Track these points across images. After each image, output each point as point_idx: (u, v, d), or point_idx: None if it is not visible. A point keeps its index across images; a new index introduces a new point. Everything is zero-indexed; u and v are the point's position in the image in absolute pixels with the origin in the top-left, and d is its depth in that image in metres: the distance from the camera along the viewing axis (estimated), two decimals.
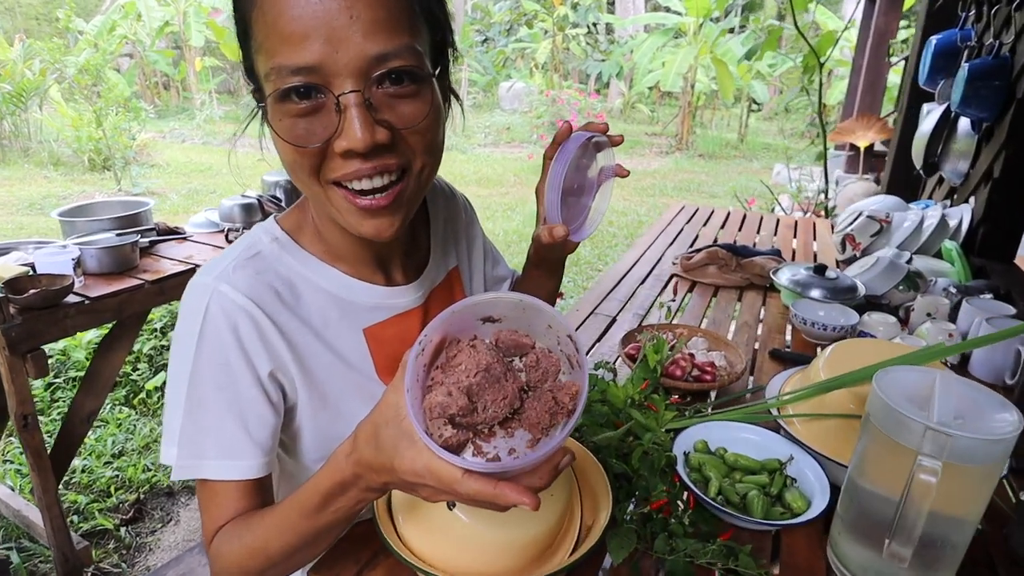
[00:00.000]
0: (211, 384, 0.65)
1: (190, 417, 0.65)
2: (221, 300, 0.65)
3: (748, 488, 0.82)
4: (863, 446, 0.70)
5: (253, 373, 0.66)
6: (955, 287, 1.49)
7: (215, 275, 0.66)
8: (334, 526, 0.60)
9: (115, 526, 2.22)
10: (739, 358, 1.16)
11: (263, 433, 0.66)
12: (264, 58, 0.57)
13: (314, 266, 0.71)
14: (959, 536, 0.67)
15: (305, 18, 0.53)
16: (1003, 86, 1.70)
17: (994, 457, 0.62)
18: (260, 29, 0.57)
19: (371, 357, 0.74)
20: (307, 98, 0.57)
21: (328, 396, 0.71)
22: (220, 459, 0.65)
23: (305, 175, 0.61)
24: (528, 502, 0.48)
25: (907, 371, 0.72)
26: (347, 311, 0.73)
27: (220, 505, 0.65)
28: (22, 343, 1.68)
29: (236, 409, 0.65)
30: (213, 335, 0.64)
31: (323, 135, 0.58)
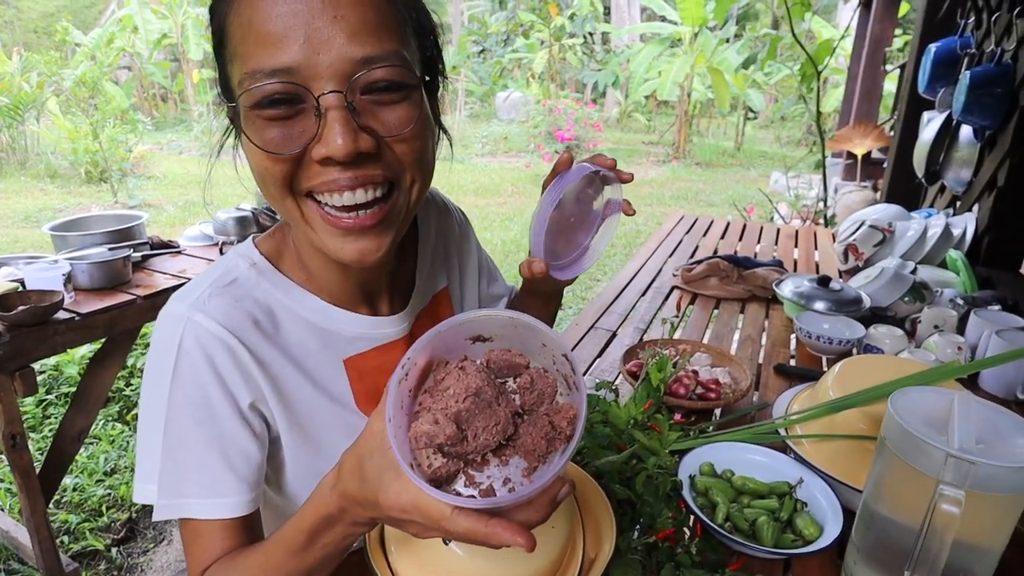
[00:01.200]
0: (190, 420, 0.61)
1: (169, 455, 0.61)
2: (196, 330, 0.61)
3: (757, 514, 0.79)
4: (879, 471, 0.67)
5: (234, 406, 0.62)
6: (962, 298, 1.46)
7: (189, 303, 0.62)
8: (323, 562, 0.55)
9: (106, 546, 2.17)
10: (744, 374, 1.13)
11: (247, 468, 0.62)
12: (239, 64, 0.53)
13: (294, 293, 0.67)
14: (982, 566, 0.64)
15: (284, 17, 0.50)
16: (1006, 93, 1.68)
17: (1020, 486, 0.58)
18: (235, 33, 0.53)
19: (351, 389, 0.70)
20: (284, 103, 0.52)
21: (309, 429, 0.67)
22: (203, 498, 0.61)
23: (277, 188, 0.56)
24: (523, 543, 0.44)
25: (923, 391, 0.69)
26: (328, 341, 0.68)
27: (205, 546, 0.61)
28: (10, 361, 1.64)
29: (218, 445, 0.61)
30: (189, 368, 0.60)
31: (300, 141, 0.53)
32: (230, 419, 0.62)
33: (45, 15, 18.18)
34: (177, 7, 12.66)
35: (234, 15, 0.53)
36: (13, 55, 10.01)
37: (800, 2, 3.45)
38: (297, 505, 0.57)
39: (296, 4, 0.50)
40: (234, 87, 0.55)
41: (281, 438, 0.67)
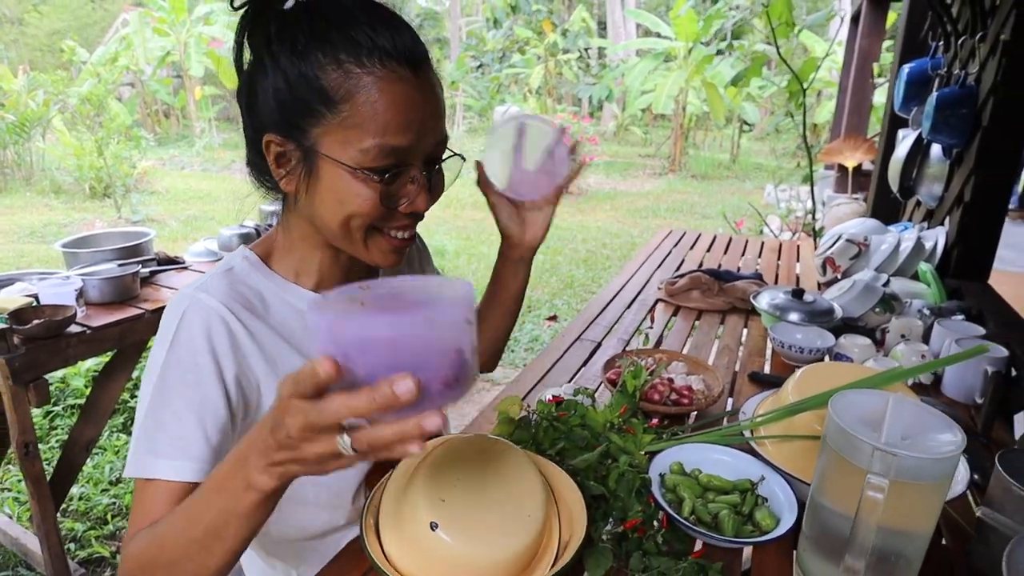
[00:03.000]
0: (177, 381, 0.69)
1: (152, 413, 0.68)
2: (197, 305, 0.71)
3: (720, 507, 0.86)
4: (822, 466, 0.75)
5: (219, 374, 0.70)
6: (929, 309, 1.54)
7: (194, 286, 0.73)
8: (229, 514, 0.55)
9: (111, 553, 2.23)
10: (717, 381, 1.20)
11: (217, 435, 0.69)
12: (360, 133, 0.66)
13: (280, 283, 0.80)
14: (912, 550, 0.71)
15: (409, 108, 0.67)
16: (970, 114, 1.77)
17: (939, 475, 0.66)
18: (364, 111, 0.65)
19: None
20: (394, 171, 0.69)
21: None
22: (172, 459, 0.66)
23: (360, 221, 0.71)
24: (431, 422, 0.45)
25: (862, 394, 0.76)
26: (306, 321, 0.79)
27: (152, 508, 0.65)
28: (25, 372, 1.72)
29: (196, 408, 0.68)
30: (186, 336, 0.70)
31: (398, 198, 0.71)
32: (213, 385, 0.70)
33: (50, 33, 18.42)
34: (180, 25, 12.86)
35: (365, 96, 0.65)
36: (19, 73, 10.17)
37: (785, 22, 3.55)
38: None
39: (417, 101, 0.67)
40: (336, 142, 0.67)
41: (265, 404, 0.75)
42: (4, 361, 1.69)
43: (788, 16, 3.55)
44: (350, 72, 0.64)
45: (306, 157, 0.69)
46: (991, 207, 1.73)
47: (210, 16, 13.31)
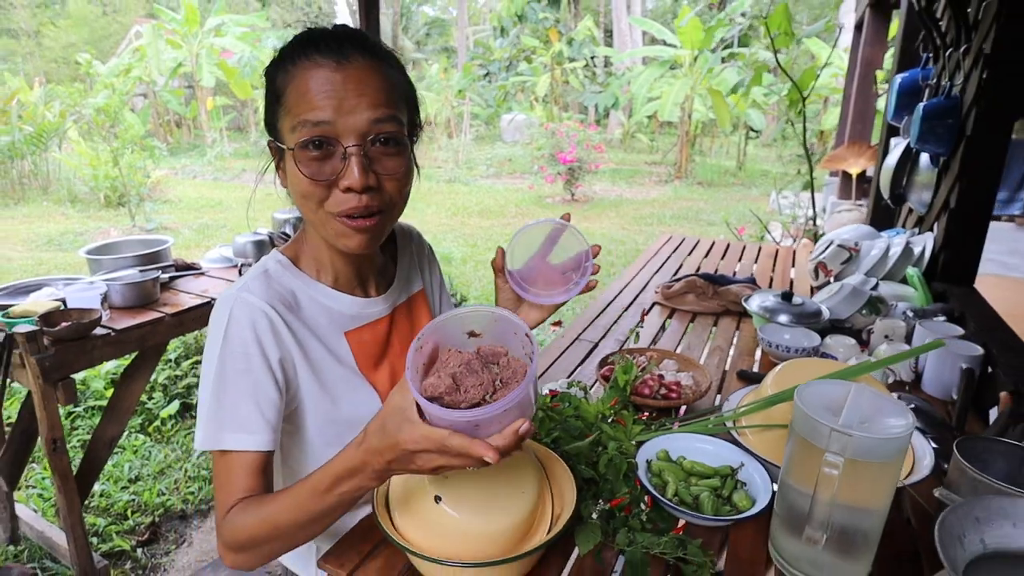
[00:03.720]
0: (233, 371, 0.80)
1: (216, 398, 0.80)
2: (243, 304, 0.82)
3: (701, 490, 0.94)
4: (789, 450, 0.82)
5: (266, 362, 0.82)
6: (912, 311, 1.61)
7: (237, 288, 0.84)
8: (336, 508, 0.72)
9: (132, 547, 2.32)
10: (705, 378, 1.28)
11: (271, 412, 0.81)
12: (291, 116, 0.78)
13: (308, 282, 0.90)
14: (869, 524, 0.78)
15: (326, 89, 0.76)
16: (955, 124, 1.84)
17: (889, 454, 0.73)
18: (291, 95, 0.78)
19: (352, 354, 0.92)
20: (322, 147, 0.77)
21: (324, 383, 0.88)
22: (237, 432, 0.79)
23: (314, 203, 0.81)
24: (493, 455, 0.61)
25: (827, 384, 0.84)
26: (333, 318, 0.91)
27: (234, 480, 0.78)
28: (54, 372, 1.81)
29: (251, 391, 0.80)
30: (236, 331, 0.81)
31: (331, 173, 0.79)
32: (263, 372, 0.81)
33: (65, 46, 18.77)
34: (192, 37, 13.10)
35: (292, 84, 0.78)
36: (35, 84, 10.40)
37: (784, 32, 3.63)
38: (313, 447, 0.80)
39: (335, 82, 0.76)
40: (285, 131, 0.79)
41: (302, 388, 0.86)
42: (35, 361, 1.78)
43: (787, 26, 3.63)
44: (288, 69, 0.79)
45: (280, 153, 0.83)
46: (975, 213, 1.79)
47: (221, 28, 13.55)
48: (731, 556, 0.87)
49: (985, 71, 1.71)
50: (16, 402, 2.83)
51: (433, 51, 22.09)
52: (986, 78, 1.70)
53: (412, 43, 24.12)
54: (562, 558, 0.85)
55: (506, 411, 0.61)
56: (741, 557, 0.87)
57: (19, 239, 7.08)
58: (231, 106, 16.29)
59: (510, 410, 0.62)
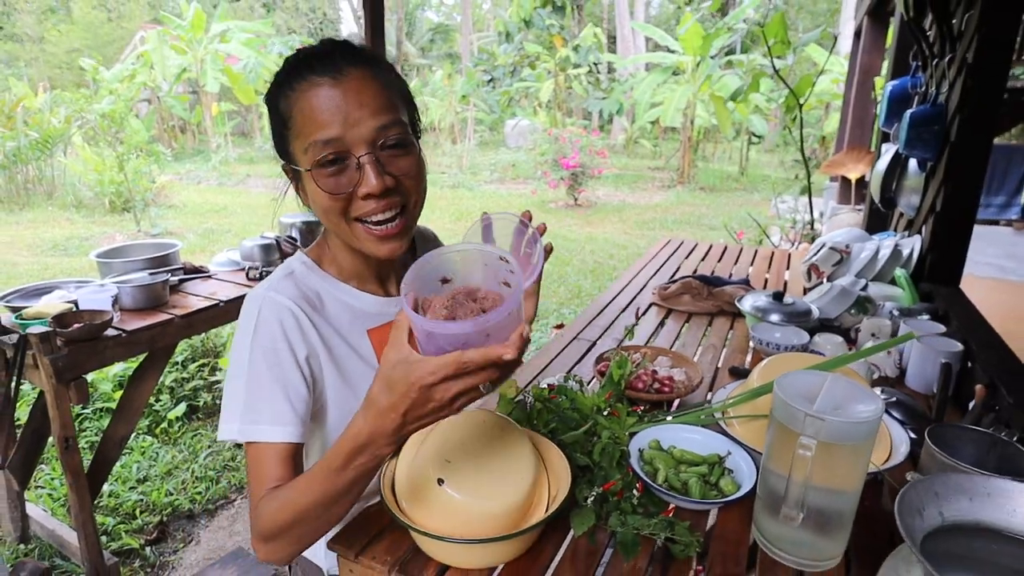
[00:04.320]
0: (264, 366, 0.84)
1: (249, 392, 0.84)
2: (271, 303, 0.87)
3: (690, 476, 0.99)
4: (770, 436, 0.88)
5: (294, 357, 0.86)
6: (898, 310, 1.66)
7: (265, 287, 0.89)
8: (354, 484, 0.74)
9: (140, 545, 2.37)
10: (697, 373, 1.33)
11: (301, 406, 0.85)
12: (303, 138, 0.83)
13: (332, 283, 0.95)
14: (843, 505, 0.84)
15: (330, 108, 0.81)
16: (940, 130, 1.90)
17: (859, 437, 0.79)
18: (298, 118, 0.83)
19: (374, 352, 0.96)
20: (336, 163, 0.82)
21: (349, 379, 0.93)
22: (271, 424, 0.83)
23: (336, 216, 0.86)
24: (511, 352, 0.60)
25: (805, 374, 0.89)
26: (356, 316, 0.96)
27: (266, 470, 0.82)
28: (67, 372, 1.87)
29: (282, 385, 0.84)
30: (265, 329, 0.85)
31: (348, 184, 0.84)
32: (291, 367, 0.86)
33: (69, 51, 18.92)
34: (197, 43, 13.23)
35: (297, 108, 0.83)
36: (39, 90, 10.50)
37: (781, 40, 3.69)
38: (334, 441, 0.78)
39: (336, 99, 0.81)
40: (298, 153, 0.84)
41: (326, 383, 0.91)
42: (48, 361, 1.84)
43: (784, 35, 3.70)
44: (288, 94, 0.83)
45: (296, 174, 0.88)
46: (960, 216, 1.85)
47: (226, 34, 13.67)
48: (717, 537, 0.92)
49: (968, 80, 1.77)
50: (26, 404, 2.88)
51: (437, 57, 22.23)
52: (969, 86, 1.76)
53: (416, 49, 24.27)
54: (559, 538, 0.90)
55: (510, 315, 0.62)
56: (727, 538, 0.92)
57: (24, 244, 7.15)
58: (236, 111, 16.41)
59: (513, 314, 0.63)
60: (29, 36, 19.12)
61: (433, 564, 0.84)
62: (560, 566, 0.85)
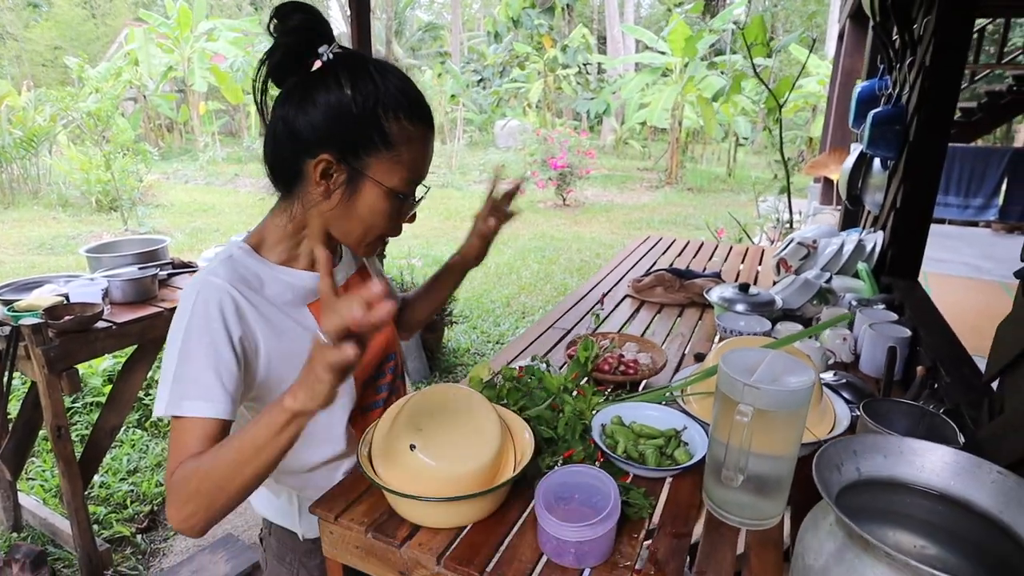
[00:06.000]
0: (198, 343, 0.86)
1: (180, 369, 0.86)
2: (209, 285, 0.90)
3: (647, 448, 1.07)
4: (716, 409, 0.96)
5: (228, 336, 0.88)
6: (857, 300, 1.75)
7: (205, 272, 0.92)
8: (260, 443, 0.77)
9: (132, 533, 2.43)
10: (661, 357, 1.42)
11: (231, 384, 0.87)
12: (402, 168, 0.93)
13: (270, 266, 0.98)
14: (781, 469, 0.92)
15: (428, 157, 0.98)
16: (901, 130, 2.00)
17: (793, 405, 0.87)
18: (406, 152, 0.93)
19: (317, 324, 1.00)
20: (408, 198, 0.97)
21: (295, 351, 0.94)
22: (198, 400, 0.84)
23: (378, 231, 0.98)
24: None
25: (748, 351, 0.98)
26: (297, 293, 0.99)
27: (187, 442, 0.83)
28: (59, 362, 1.92)
29: (214, 363, 0.86)
30: (202, 309, 0.88)
31: (404, 213, 0.99)
32: (225, 346, 0.88)
33: (51, 48, 18.75)
34: (183, 41, 13.20)
35: (408, 144, 0.93)
36: (23, 88, 10.45)
37: (761, 43, 3.79)
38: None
39: (429, 154, 0.98)
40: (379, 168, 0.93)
41: (271, 356, 0.95)
42: (41, 352, 1.90)
43: (763, 37, 3.80)
44: (404, 126, 0.91)
45: (352, 176, 0.92)
46: (917, 213, 1.94)
47: (213, 32, 13.65)
48: (670, 501, 1.01)
49: (925, 82, 1.86)
50: (16, 399, 2.93)
51: (427, 56, 22.26)
52: (926, 88, 1.86)
53: (406, 48, 24.29)
54: (523, 504, 0.98)
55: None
56: (679, 502, 1.00)
57: (10, 243, 7.14)
58: (223, 111, 16.38)
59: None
60: (11, 33, 18.94)
61: (406, 525, 0.91)
62: (523, 527, 0.93)
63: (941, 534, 0.78)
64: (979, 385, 1.21)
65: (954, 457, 0.77)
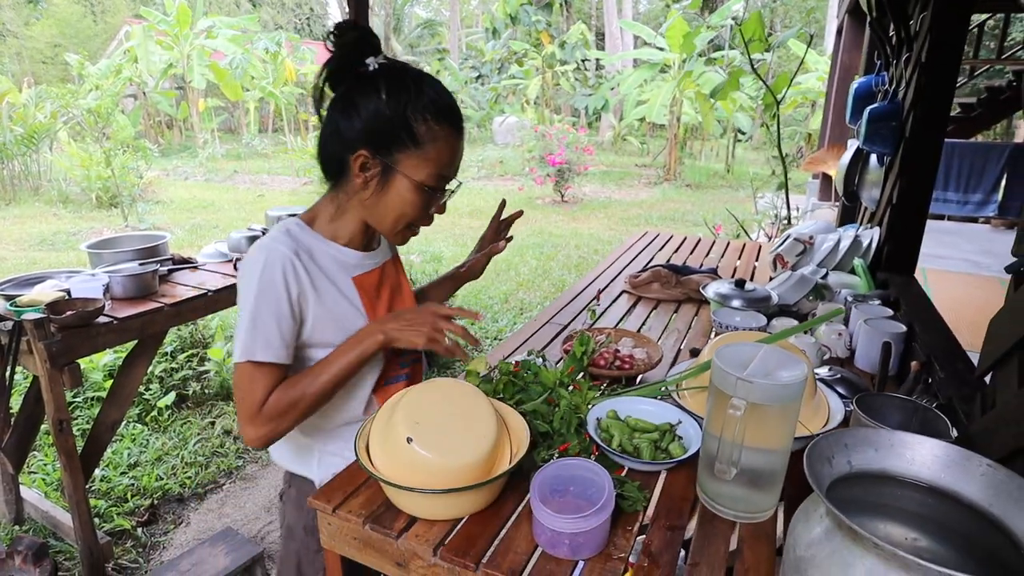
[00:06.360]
0: (264, 301, 1.04)
1: (251, 323, 1.03)
2: (275, 252, 1.06)
3: (642, 442, 1.08)
4: (709, 403, 0.97)
5: (288, 296, 1.05)
6: (853, 296, 1.76)
7: (269, 240, 1.08)
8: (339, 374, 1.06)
9: (132, 527, 2.44)
10: (657, 352, 1.43)
11: (289, 335, 1.07)
12: (428, 164, 1.05)
13: (321, 241, 1.14)
14: (774, 463, 0.93)
15: (455, 156, 1.09)
16: (897, 126, 2.00)
17: (785, 398, 0.88)
18: (432, 151, 1.05)
19: (358, 295, 1.17)
20: (436, 191, 1.09)
21: (335, 314, 1.13)
22: (266, 349, 1.03)
23: (407, 220, 1.11)
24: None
25: (742, 346, 0.99)
26: (343, 266, 1.15)
27: (257, 381, 1.04)
28: (61, 357, 1.93)
29: (276, 318, 1.04)
30: (268, 272, 1.04)
31: (432, 207, 1.12)
32: (285, 304, 1.05)
33: (51, 45, 18.72)
34: (183, 38, 13.18)
35: (435, 143, 1.05)
36: (23, 85, 10.45)
37: (759, 39, 3.80)
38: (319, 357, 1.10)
39: (458, 153, 1.10)
40: (407, 163, 1.05)
41: (317, 319, 1.11)
42: (43, 347, 1.91)
43: (761, 33, 3.80)
44: (432, 127, 1.04)
45: (385, 170, 1.06)
46: (913, 209, 1.95)
47: (212, 29, 13.63)
48: (665, 494, 1.02)
49: (921, 78, 1.87)
50: (18, 393, 2.94)
51: (425, 53, 22.23)
52: (922, 84, 1.86)
53: (404, 45, 24.24)
54: (519, 496, 0.99)
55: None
56: (674, 495, 1.01)
57: (11, 239, 7.15)
58: (222, 107, 16.36)
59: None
60: (11, 31, 18.92)
61: (403, 517, 0.93)
62: (519, 519, 0.94)
63: (932, 526, 0.80)
64: (972, 380, 1.22)
65: (944, 450, 0.78)
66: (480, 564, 0.84)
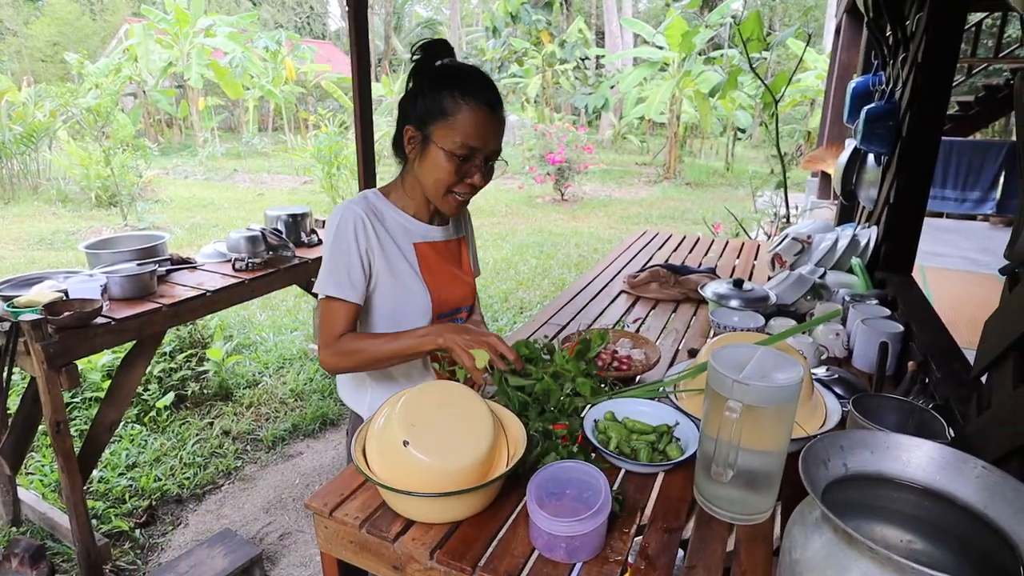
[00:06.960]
0: (338, 249, 1.26)
1: (328, 266, 1.27)
2: (351, 212, 1.29)
3: (639, 444, 1.08)
4: (706, 405, 0.97)
5: (358, 248, 1.27)
6: (851, 295, 1.76)
7: (349, 203, 1.31)
8: (396, 352, 1.23)
9: (130, 528, 2.44)
10: (655, 353, 1.42)
11: (360, 282, 1.28)
12: (455, 133, 1.21)
13: (392, 208, 1.36)
14: (771, 465, 0.93)
15: (483, 127, 1.22)
16: (894, 126, 2.00)
17: (781, 400, 0.88)
18: (460, 122, 1.20)
19: (417, 260, 1.35)
20: (467, 159, 1.23)
21: (395, 272, 1.32)
22: (339, 288, 1.26)
23: (444, 185, 1.26)
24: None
25: (738, 347, 0.99)
26: (408, 232, 1.36)
27: (334, 314, 1.26)
28: (58, 358, 1.93)
29: (346, 266, 1.26)
30: (343, 227, 1.27)
31: (463, 172, 1.25)
32: (355, 254, 1.26)
33: (51, 44, 18.69)
34: (183, 37, 13.16)
35: (462, 115, 1.20)
36: (23, 84, 10.43)
37: (757, 38, 3.79)
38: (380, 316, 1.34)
39: (488, 125, 1.22)
40: (438, 134, 1.22)
41: (380, 271, 1.31)
42: (40, 348, 1.91)
43: (759, 32, 3.79)
44: (458, 101, 1.20)
45: (423, 141, 1.24)
46: (910, 208, 1.95)
47: (211, 28, 13.61)
48: (662, 496, 1.02)
49: (918, 78, 1.87)
50: (15, 394, 2.94)
51: None
52: (919, 84, 1.86)
53: (405, 44, 24.20)
54: (516, 499, 0.99)
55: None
56: (671, 497, 1.01)
57: (10, 238, 7.14)
58: (222, 106, 16.34)
59: None
60: (10, 29, 18.89)
61: (400, 520, 0.93)
62: (515, 522, 0.94)
63: (927, 529, 0.80)
64: (968, 380, 1.22)
65: (939, 452, 0.78)
66: (477, 567, 0.84)
